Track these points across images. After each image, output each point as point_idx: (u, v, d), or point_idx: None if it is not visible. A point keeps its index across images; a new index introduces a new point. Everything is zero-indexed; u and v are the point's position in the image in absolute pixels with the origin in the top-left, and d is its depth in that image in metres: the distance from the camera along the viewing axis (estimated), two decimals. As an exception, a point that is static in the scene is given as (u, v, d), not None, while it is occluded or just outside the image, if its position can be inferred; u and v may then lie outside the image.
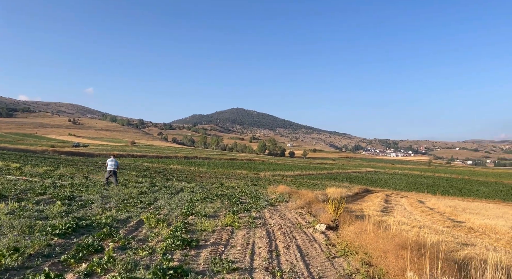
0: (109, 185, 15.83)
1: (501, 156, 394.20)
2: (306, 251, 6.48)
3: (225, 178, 33.76)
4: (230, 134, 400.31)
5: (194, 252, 6.17)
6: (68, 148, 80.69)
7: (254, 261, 5.79)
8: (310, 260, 5.90)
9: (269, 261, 5.74)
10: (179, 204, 11.61)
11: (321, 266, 5.53)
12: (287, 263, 5.64)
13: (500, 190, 54.92)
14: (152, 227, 7.92)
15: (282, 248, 6.60)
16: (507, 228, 15.16)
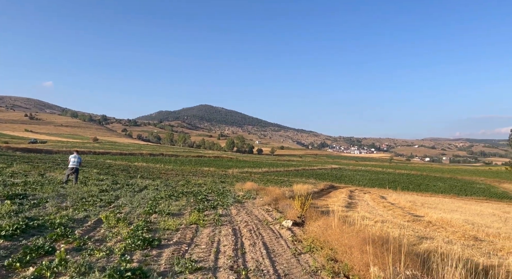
0: (67, 183, 14.98)
1: (455, 153, 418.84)
2: (272, 248, 6.38)
3: (192, 175, 33.18)
4: (197, 131, 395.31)
5: (156, 252, 5.88)
6: (24, 144, 75.92)
7: (218, 260, 5.60)
8: (276, 257, 5.80)
9: (234, 259, 5.58)
10: (142, 202, 11.16)
11: (287, 263, 5.45)
12: (252, 261, 5.50)
13: (455, 185, 58.26)
14: (111, 226, 7.50)
15: (248, 246, 6.46)
16: (462, 221, 15.98)
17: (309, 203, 8.39)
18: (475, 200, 39.37)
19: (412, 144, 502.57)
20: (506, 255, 9.41)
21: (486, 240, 11.73)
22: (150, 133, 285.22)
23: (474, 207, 27.50)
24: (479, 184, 66.69)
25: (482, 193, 47.23)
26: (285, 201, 11.67)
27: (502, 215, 22.41)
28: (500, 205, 34.63)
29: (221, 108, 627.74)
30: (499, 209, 27.93)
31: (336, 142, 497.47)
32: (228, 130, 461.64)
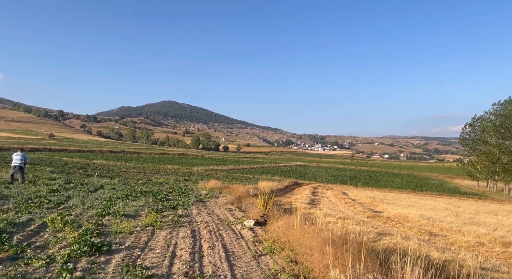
0: (13, 182, 13.83)
1: (412, 151, 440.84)
2: (232, 250, 6.11)
3: (154, 173, 32.11)
4: (162, 128, 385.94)
5: (104, 258, 5.41)
6: (-31, 140, 70.10)
7: (173, 265, 5.24)
8: (235, 260, 5.53)
9: (191, 264, 5.24)
10: (95, 203, 10.46)
11: (246, 266, 5.20)
12: (210, 265, 5.20)
13: (411, 181, 61.10)
14: (57, 230, 6.88)
15: (207, 249, 6.15)
16: (418, 217, 16.61)
17: (272, 201, 8.20)
18: (430, 195, 41.40)
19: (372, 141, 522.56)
20: (458, 249, 9.80)
21: (440, 234, 12.20)
22: (111, 129, 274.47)
23: (429, 202, 28.87)
24: (433, 180, 70.46)
25: (436, 189, 49.77)
26: (249, 200, 11.45)
27: (454, 209, 23.66)
28: (452, 200, 36.72)
29: (186, 105, 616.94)
30: (451, 204, 29.55)
31: (301, 139, 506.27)
32: (194, 127, 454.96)
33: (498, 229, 13.69)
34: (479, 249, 9.81)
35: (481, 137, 60.34)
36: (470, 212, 23.25)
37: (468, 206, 29.57)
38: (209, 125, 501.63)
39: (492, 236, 11.55)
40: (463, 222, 16.46)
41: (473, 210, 25.43)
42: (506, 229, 14.13)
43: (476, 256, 8.83)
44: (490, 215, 22.41)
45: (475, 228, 13.97)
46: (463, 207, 27.09)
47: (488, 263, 7.86)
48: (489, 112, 59.03)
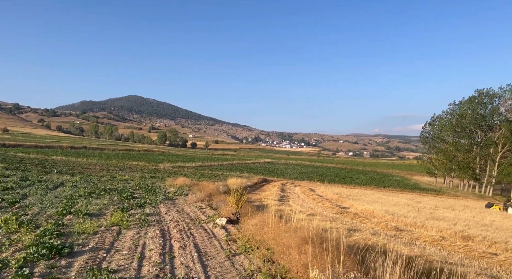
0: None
1: (375, 148, 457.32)
2: (205, 250, 5.86)
3: (119, 170, 30.91)
4: (126, 124, 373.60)
5: (65, 261, 4.98)
6: None
7: (142, 267, 4.92)
8: (208, 260, 5.30)
9: (161, 266, 4.95)
10: (55, 201, 9.78)
11: (220, 267, 4.99)
12: (182, 267, 4.93)
13: (375, 177, 63.28)
14: (11, 232, 6.30)
15: (178, 249, 5.86)
16: (383, 212, 17.13)
17: (244, 199, 8.02)
18: (392, 191, 43.04)
19: (338, 139, 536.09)
20: (423, 243, 10.15)
21: (405, 229, 12.62)
22: (71, 124, 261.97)
23: (391, 198, 29.94)
24: (395, 177, 73.44)
25: (397, 185, 51.85)
26: (220, 197, 11.19)
27: (415, 205, 24.69)
28: (413, 195, 38.41)
29: (152, 100, 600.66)
30: (412, 199, 30.86)
31: (269, 136, 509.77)
32: (160, 123, 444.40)
33: (457, 224, 14.38)
34: (442, 243, 10.22)
35: (439, 136, 63.56)
36: (430, 207, 24.35)
37: (427, 201, 31.01)
38: (176, 121, 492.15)
39: (453, 231, 12.08)
40: (425, 217, 17.16)
41: (432, 205, 26.67)
42: (464, 223, 14.89)
43: (440, 250, 9.18)
44: (448, 210, 23.60)
45: (437, 222, 14.58)
46: (423, 203, 28.36)
47: (451, 257, 8.17)
48: (447, 112, 62.32)
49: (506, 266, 8.02)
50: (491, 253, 9.25)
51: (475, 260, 8.33)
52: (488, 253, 9.18)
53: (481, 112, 53.90)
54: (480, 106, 54.07)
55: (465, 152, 56.40)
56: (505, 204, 28.70)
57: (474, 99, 54.86)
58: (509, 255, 8.83)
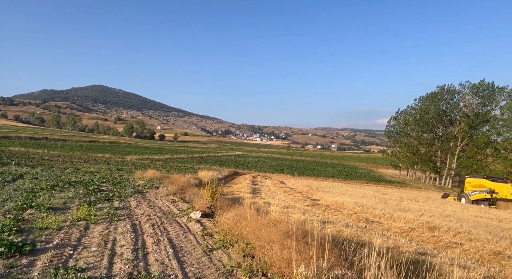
0: None
1: (342, 142, 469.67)
2: (180, 245, 5.61)
3: (83, 162, 29.55)
4: (91, 114, 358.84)
5: (27, 260, 4.56)
6: None
7: (114, 265, 4.60)
8: (185, 256, 5.06)
9: (134, 263, 4.65)
10: (13, 195, 9.09)
11: (198, 263, 4.77)
12: (157, 264, 4.66)
13: (342, 170, 64.96)
14: (-37, 230, 5.73)
15: (151, 244, 5.56)
16: (353, 204, 17.51)
17: (219, 191, 7.80)
18: (359, 183, 44.33)
19: (306, 132, 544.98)
20: (393, 234, 10.43)
21: (375, 221, 12.93)
22: (31, 114, 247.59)
23: (359, 190, 30.78)
24: (361, 169, 75.76)
25: (364, 177, 53.50)
26: (192, 190, 10.89)
27: (382, 197, 25.49)
28: (379, 187, 39.77)
29: (118, 90, 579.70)
30: (378, 191, 31.91)
31: (240, 129, 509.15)
32: (127, 114, 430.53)
33: (423, 215, 14.95)
34: (412, 234, 10.54)
35: (404, 130, 66.15)
36: (395, 199, 25.24)
37: (393, 193, 32.17)
38: (143, 113, 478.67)
39: (419, 221, 12.53)
40: (392, 208, 17.74)
41: (398, 197, 27.67)
42: (429, 214, 15.52)
43: (410, 241, 9.46)
44: (413, 202, 24.58)
45: (404, 213, 15.10)
46: (389, 194, 29.37)
47: (422, 248, 8.43)
48: (411, 107, 64.86)
49: (471, 255, 8.38)
50: (456, 242, 9.65)
51: (443, 250, 8.65)
52: (453, 242, 9.57)
53: (443, 108, 56.55)
54: (442, 102, 56.70)
55: (427, 145, 59.08)
56: (459, 194, 30.83)
57: (436, 95, 57.45)
58: (473, 244, 9.26)
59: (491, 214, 20.34)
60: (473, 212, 20.62)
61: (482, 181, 27.72)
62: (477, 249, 8.79)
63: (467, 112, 53.15)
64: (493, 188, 26.32)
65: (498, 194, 25.88)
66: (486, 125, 50.86)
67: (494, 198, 26.18)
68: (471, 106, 53.35)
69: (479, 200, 26.94)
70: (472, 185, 28.59)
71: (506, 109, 47.31)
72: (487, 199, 26.41)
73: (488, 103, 51.28)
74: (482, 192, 26.84)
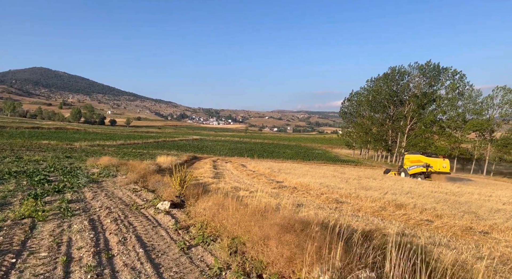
0: None
1: (297, 124, 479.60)
2: (151, 243, 4.81)
3: (25, 150, 26.79)
4: (32, 99, 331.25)
5: (-46, 278, 3.56)
6: None
7: (71, 275, 3.73)
8: (159, 257, 4.29)
9: (98, 270, 3.81)
10: None
11: (177, 265, 4.03)
12: (127, 270, 3.86)
13: (300, 151, 66.02)
14: None
15: (116, 244, 4.70)
16: (318, 185, 17.46)
17: (190, 178, 7.00)
18: (317, 164, 45.19)
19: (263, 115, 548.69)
20: (366, 215, 10.36)
21: (344, 201, 12.87)
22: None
23: (318, 170, 31.19)
24: (317, 150, 77.65)
25: (320, 158, 54.71)
26: (155, 177, 9.94)
27: (341, 176, 25.96)
28: (335, 167, 40.77)
29: (62, 73, 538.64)
30: (336, 171, 32.61)
31: (196, 113, 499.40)
32: (73, 98, 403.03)
33: (387, 193, 15.22)
34: (383, 213, 10.54)
35: (357, 111, 68.40)
36: (354, 178, 25.83)
37: (350, 172, 33.05)
38: (91, 97, 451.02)
39: (386, 200, 12.66)
40: (355, 187, 17.96)
41: (356, 175, 28.41)
42: (392, 192, 15.87)
43: (383, 220, 9.41)
44: (371, 180, 25.30)
45: (367, 192, 15.27)
46: (347, 173, 30.08)
47: (397, 228, 8.33)
48: (364, 88, 66.98)
49: (444, 232, 8.48)
50: (426, 220, 9.77)
51: (416, 229, 8.67)
52: (424, 220, 9.68)
53: (394, 88, 58.97)
54: (393, 83, 59.06)
55: (380, 125, 61.63)
56: (398, 169, 32.90)
57: (388, 76, 59.69)
58: (444, 221, 9.42)
59: (443, 188, 21.46)
60: (428, 187, 21.61)
61: (419, 156, 29.88)
62: (448, 226, 8.92)
63: (416, 93, 55.87)
64: (429, 162, 28.61)
65: (433, 167, 28.27)
66: (433, 105, 53.90)
67: (429, 172, 28.53)
68: (420, 86, 56.12)
69: (417, 174, 29.18)
70: (411, 161, 30.72)
71: (450, 89, 50.38)
72: (423, 173, 28.73)
73: (434, 83, 54.23)
74: (419, 166, 29.06)
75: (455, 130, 50.02)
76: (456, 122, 49.04)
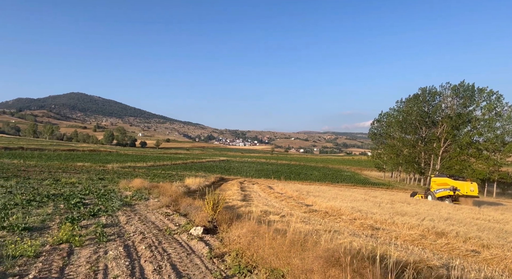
0: None
1: (324, 145, 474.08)
2: (187, 272, 4.70)
3: (62, 172, 27.92)
4: (69, 122, 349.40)
5: (-3, 305, 3.60)
6: None
7: (109, 305, 3.68)
8: (196, 288, 4.18)
9: (135, 302, 3.74)
10: (-18, 214, 7.93)
11: (215, 298, 3.90)
12: (164, 302, 3.76)
13: (327, 173, 64.78)
14: None
15: (152, 273, 4.63)
16: (350, 209, 16.87)
17: (223, 202, 6.92)
18: (346, 186, 44.05)
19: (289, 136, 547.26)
20: (404, 243, 9.81)
21: (379, 228, 12.29)
22: (6, 123, 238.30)
23: (348, 193, 30.29)
24: (346, 172, 75.90)
25: (349, 180, 53.37)
26: (187, 200, 9.94)
27: (373, 200, 25.04)
28: (366, 190, 39.49)
29: (97, 97, 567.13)
30: (367, 194, 31.52)
31: (223, 134, 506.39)
32: (107, 121, 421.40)
33: (425, 219, 14.43)
34: (423, 242, 9.92)
35: (387, 132, 66.74)
36: (387, 202, 24.83)
37: (381, 195, 31.86)
38: (124, 120, 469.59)
39: (425, 227, 11.96)
40: (389, 212, 17.20)
41: (388, 199, 27.32)
42: (429, 218, 15.03)
43: (424, 250, 8.84)
44: (405, 204, 24.22)
45: (403, 218, 14.55)
46: (378, 197, 29.01)
47: (440, 259, 7.79)
48: (394, 109, 65.56)
49: (494, 265, 7.82)
50: (472, 250, 9.09)
51: (462, 260, 8.06)
52: (470, 251, 9.00)
53: (425, 109, 57.30)
54: (424, 104, 57.47)
55: (411, 147, 59.63)
56: (425, 192, 32.05)
57: (418, 97, 58.22)
58: (492, 252, 8.72)
59: (485, 214, 20.14)
60: (468, 213, 20.38)
61: (445, 179, 29.44)
62: (499, 258, 8.23)
63: (449, 114, 53.97)
64: (455, 185, 28.02)
65: (460, 191, 27.59)
66: (468, 126, 51.73)
67: (456, 195, 27.89)
68: (453, 107, 54.24)
69: (444, 197, 28.59)
70: (437, 183, 30.25)
71: (487, 109, 48.27)
72: (451, 196, 28.15)
73: (469, 104, 52.22)
74: (446, 189, 28.45)
75: (493, 152, 47.51)
76: (494, 144, 46.63)
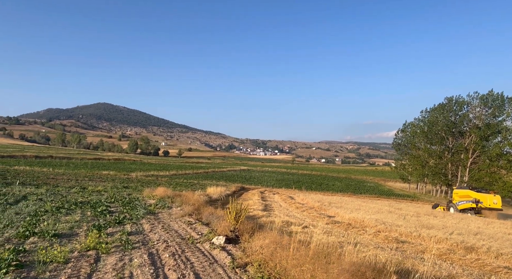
0: None
1: (346, 155, 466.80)
2: (210, 282, 4.75)
3: (88, 180, 28.79)
4: (95, 132, 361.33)
5: (29, 309, 3.74)
6: None
7: (135, 313, 3.75)
8: (219, 298, 4.20)
9: (160, 309, 3.80)
10: (15, 219, 8.28)
11: (238, 308, 3.91)
12: (187, 310, 3.81)
13: (350, 184, 63.61)
14: (-45, 266, 4.91)
15: (175, 281, 4.71)
16: (374, 221, 16.48)
17: (245, 212, 6.94)
18: (369, 198, 43.08)
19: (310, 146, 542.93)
20: (432, 257, 9.47)
21: (405, 241, 11.94)
22: (36, 133, 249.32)
23: (372, 205, 29.62)
24: (369, 183, 74.28)
25: (373, 191, 52.18)
26: (209, 210, 10.03)
27: (398, 212, 24.36)
28: (390, 202, 38.48)
29: (122, 108, 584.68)
30: (392, 206, 30.70)
31: (243, 144, 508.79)
32: (131, 131, 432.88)
33: (453, 233, 13.91)
34: (452, 257, 9.55)
35: (412, 142, 65.02)
36: (412, 214, 24.10)
37: (407, 208, 30.95)
38: (147, 129, 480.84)
39: (453, 241, 11.53)
40: (414, 225, 16.68)
41: (413, 212, 26.52)
42: (457, 232, 14.48)
43: (453, 266, 8.51)
44: (431, 217, 23.44)
45: (430, 231, 14.07)
46: (404, 209, 28.20)
47: (474, 275, 7.47)
48: (418, 119, 63.90)
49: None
50: (505, 267, 8.67)
51: (495, 277, 7.69)
52: (502, 267, 8.59)
53: (452, 119, 55.52)
54: (451, 113, 55.72)
55: (437, 157, 57.78)
56: (447, 204, 31.42)
57: (445, 107, 56.51)
58: (527, 268, 8.29)
59: (518, 229, 19.21)
60: (499, 228, 19.49)
61: (468, 192, 29.04)
62: (534, 275, 7.82)
63: (478, 124, 52.06)
64: (478, 198, 27.54)
65: (483, 203, 27.12)
66: (498, 137, 49.72)
67: (479, 207, 27.37)
68: (481, 117, 52.31)
69: (466, 209, 28.09)
70: (459, 196, 29.85)
71: (518, 120, 46.36)
72: (473, 208, 27.63)
73: (499, 114, 50.25)
74: (468, 202, 28.05)
75: (525, 165, 45.37)
76: (527, 156, 44.58)
